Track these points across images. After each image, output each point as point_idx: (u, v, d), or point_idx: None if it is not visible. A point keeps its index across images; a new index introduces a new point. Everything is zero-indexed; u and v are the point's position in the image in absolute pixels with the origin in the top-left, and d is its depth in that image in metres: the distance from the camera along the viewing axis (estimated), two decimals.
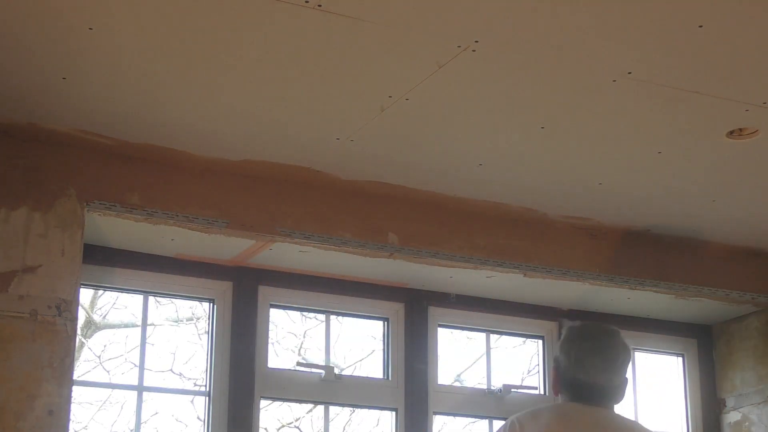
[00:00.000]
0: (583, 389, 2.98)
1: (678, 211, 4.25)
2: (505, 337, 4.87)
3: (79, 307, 3.62)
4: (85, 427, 4.38)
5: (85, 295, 4.83)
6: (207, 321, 4.28)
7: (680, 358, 5.09)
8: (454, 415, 4.58)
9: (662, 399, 5.06)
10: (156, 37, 2.97)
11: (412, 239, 4.16)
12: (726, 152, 3.68)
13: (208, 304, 4.28)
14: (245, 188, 3.91)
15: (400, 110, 3.38)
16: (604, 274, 4.47)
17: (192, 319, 4.59)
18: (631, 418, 3.02)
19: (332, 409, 4.47)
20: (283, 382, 4.29)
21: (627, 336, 3.09)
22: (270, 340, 4.32)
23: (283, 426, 4.90)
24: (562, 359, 3.01)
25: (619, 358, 3.00)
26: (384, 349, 4.54)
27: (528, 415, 2.96)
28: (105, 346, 5.06)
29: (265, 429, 4.55)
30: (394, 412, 4.45)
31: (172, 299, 4.35)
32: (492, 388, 4.63)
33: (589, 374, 2.97)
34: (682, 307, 4.81)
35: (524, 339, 4.85)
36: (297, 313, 4.64)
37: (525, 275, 4.37)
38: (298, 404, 4.64)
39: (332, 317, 4.52)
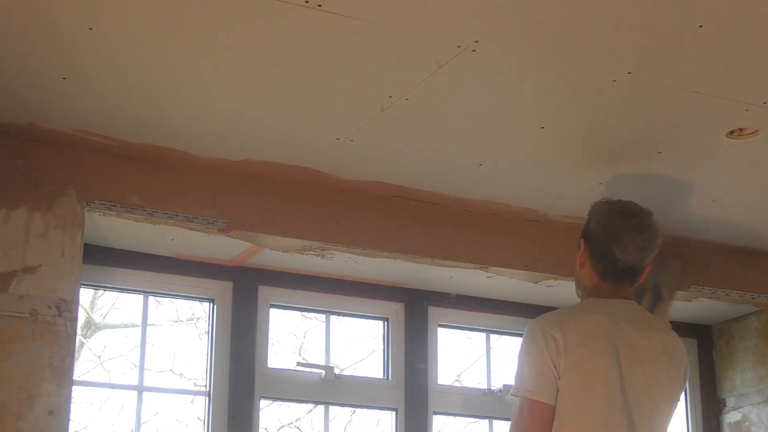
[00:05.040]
0: (615, 265, 2.92)
1: (677, 210, 4.25)
2: (505, 337, 4.87)
3: (79, 307, 3.62)
4: (85, 427, 4.38)
5: (85, 295, 4.82)
6: (207, 321, 4.28)
7: None
8: (454, 415, 4.58)
9: None
10: (156, 38, 2.96)
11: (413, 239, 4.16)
12: (726, 152, 3.68)
13: (208, 304, 4.28)
14: (245, 188, 3.90)
15: (400, 110, 3.38)
16: None
17: (192, 319, 4.59)
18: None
19: (332, 409, 4.46)
20: (283, 382, 4.29)
21: None
22: (270, 340, 4.32)
23: (283, 426, 4.90)
24: (597, 231, 2.95)
25: (657, 239, 2.95)
26: (384, 349, 4.54)
27: (555, 323, 2.86)
28: (105, 346, 5.06)
29: (265, 429, 4.55)
30: (394, 412, 4.45)
31: (172, 299, 4.35)
32: (492, 388, 4.63)
33: (626, 251, 2.91)
34: (682, 307, 4.81)
35: None
36: (297, 313, 4.64)
37: (525, 275, 4.37)
38: (298, 404, 4.63)
39: (332, 317, 4.53)
